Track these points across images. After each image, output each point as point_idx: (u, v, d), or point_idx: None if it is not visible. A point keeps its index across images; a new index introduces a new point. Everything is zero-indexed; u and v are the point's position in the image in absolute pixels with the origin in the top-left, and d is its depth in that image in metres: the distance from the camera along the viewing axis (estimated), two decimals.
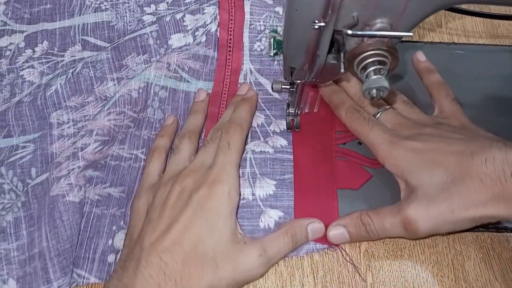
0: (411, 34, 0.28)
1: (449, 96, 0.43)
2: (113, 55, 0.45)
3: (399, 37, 0.28)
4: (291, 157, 0.42)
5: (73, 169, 0.38)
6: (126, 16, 0.49)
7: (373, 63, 0.28)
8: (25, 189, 0.39)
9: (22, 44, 0.48)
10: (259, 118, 0.44)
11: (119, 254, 0.37)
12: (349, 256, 0.39)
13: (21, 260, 0.36)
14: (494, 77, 0.48)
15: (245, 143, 0.42)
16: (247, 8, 0.46)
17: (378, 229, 0.36)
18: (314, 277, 0.38)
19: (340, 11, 0.26)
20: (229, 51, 0.46)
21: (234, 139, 0.38)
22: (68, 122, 0.43)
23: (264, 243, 0.35)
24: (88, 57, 0.45)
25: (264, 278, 0.38)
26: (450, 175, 0.34)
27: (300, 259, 0.39)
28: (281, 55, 0.46)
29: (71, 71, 0.44)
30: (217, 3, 0.46)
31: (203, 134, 0.43)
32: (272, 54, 0.47)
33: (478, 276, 0.39)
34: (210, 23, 0.46)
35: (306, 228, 0.37)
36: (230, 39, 0.46)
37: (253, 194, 0.40)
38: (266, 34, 0.46)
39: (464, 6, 0.46)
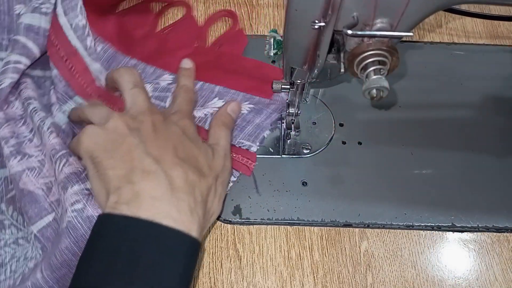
0: (411, 34, 0.28)
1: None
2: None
3: (399, 37, 0.28)
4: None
5: (83, 192, 0.37)
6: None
7: (373, 63, 0.28)
8: (36, 235, 0.38)
9: None
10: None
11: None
12: None
13: None
14: (494, 77, 0.48)
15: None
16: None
17: None
18: (314, 277, 0.38)
19: (340, 11, 0.26)
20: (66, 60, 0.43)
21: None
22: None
23: (213, 139, 0.39)
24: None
25: (264, 278, 0.38)
26: None
27: (300, 259, 0.39)
28: (281, 55, 0.47)
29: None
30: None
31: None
32: (272, 54, 0.47)
33: (478, 276, 0.39)
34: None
35: (227, 111, 0.42)
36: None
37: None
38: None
39: (464, 7, 0.46)
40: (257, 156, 0.43)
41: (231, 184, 0.41)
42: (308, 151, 0.43)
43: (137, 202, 0.31)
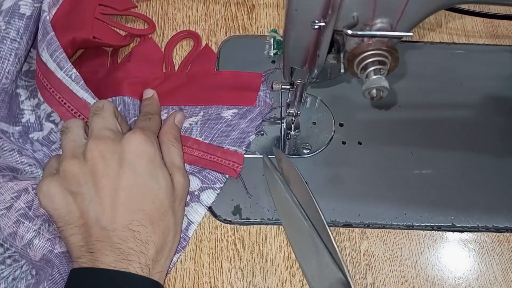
0: (411, 34, 0.28)
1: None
2: None
3: (399, 37, 0.28)
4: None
5: (39, 227, 0.37)
6: (9, 59, 0.40)
7: (373, 63, 0.28)
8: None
9: None
10: None
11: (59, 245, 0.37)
12: None
13: None
14: (494, 77, 0.48)
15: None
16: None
17: None
18: None
19: (340, 11, 0.26)
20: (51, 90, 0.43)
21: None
22: None
23: (167, 157, 0.39)
24: None
25: (264, 278, 0.38)
26: None
27: None
28: (281, 55, 0.47)
29: None
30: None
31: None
32: (272, 54, 0.47)
33: (478, 276, 0.39)
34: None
35: (175, 123, 0.42)
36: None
37: None
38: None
39: (464, 6, 0.46)
40: (256, 156, 0.43)
41: (218, 191, 0.41)
42: (308, 151, 0.43)
43: (93, 268, 0.33)
